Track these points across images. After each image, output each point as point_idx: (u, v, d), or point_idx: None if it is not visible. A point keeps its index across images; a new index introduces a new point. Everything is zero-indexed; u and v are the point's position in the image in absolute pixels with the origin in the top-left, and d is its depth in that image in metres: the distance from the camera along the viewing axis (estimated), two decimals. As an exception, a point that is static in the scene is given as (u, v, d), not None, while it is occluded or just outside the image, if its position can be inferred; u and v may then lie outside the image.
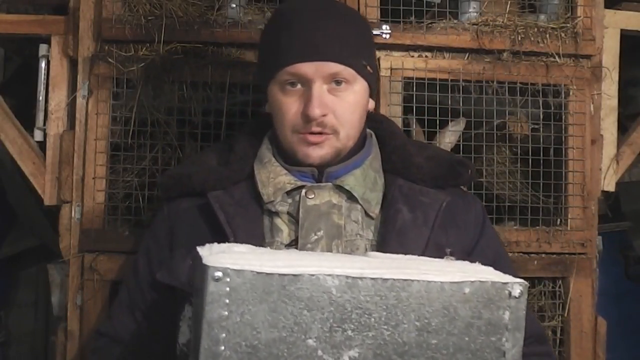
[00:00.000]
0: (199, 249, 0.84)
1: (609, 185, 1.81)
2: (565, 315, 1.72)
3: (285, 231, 1.09)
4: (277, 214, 1.10)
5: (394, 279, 0.71)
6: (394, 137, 1.17)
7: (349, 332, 0.70)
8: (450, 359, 0.72)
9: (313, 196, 1.08)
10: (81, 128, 1.60)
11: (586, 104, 1.73)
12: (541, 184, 1.73)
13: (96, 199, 1.56)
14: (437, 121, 1.66)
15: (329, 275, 0.70)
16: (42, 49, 1.66)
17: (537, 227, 1.71)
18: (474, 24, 1.69)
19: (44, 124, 1.64)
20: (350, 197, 1.10)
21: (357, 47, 1.09)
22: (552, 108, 1.74)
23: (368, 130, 1.21)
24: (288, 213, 1.09)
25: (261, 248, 0.95)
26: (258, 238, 1.07)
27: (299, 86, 1.05)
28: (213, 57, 1.59)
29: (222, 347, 0.69)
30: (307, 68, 1.03)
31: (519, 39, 1.68)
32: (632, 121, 1.96)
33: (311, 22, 1.06)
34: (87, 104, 1.59)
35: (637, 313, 2.45)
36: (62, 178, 1.61)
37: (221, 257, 0.75)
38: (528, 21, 1.71)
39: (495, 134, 1.72)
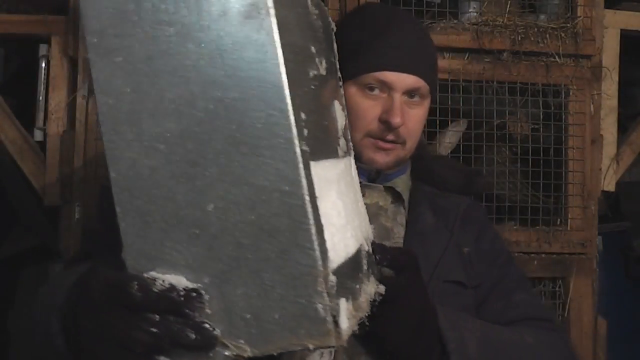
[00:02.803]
0: None
1: (609, 185, 1.81)
2: (565, 315, 1.72)
3: None
4: None
5: None
6: (419, 146, 1.19)
7: None
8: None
9: (364, 195, 1.06)
10: (81, 128, 1.60)
11: (586, 104, 1.73)
12: (541, 184, 1.73)
13: (96, 199, 1.56)
14: (437, 121, 1.66)
15: None
16: (42, 49, 1.66)
17: (537, 227, 1.72)
18: (474, 24, 1.69)
19: (44, 124, 1.64)
20: (395, 201, 1.11)
21: (434, 66, 1.13)
22: (552, 108, 1.75)
23: None
24: None
25: None
26: None
27: (377, 91, 1.06)
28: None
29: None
30: (394, 77, 1.05)
31: (519, 39, 1.68)
32: (632, 121, 1.97)
33: (405, 34, 1.08)
34: (87, 104, 1.60)
35: (637, 313, 2.44)
36: (62, 178, 1.61)
37: None
38: (528, 21, 1.71)
39: (495, 134, 1.72)
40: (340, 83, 0.87)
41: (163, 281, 0.62)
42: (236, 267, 0.61)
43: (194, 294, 0.62)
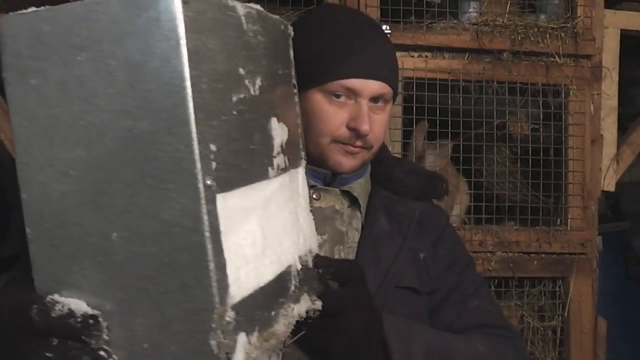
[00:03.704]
0: None
1: (609, 185, 1.81)
2: (565, 315, 1.72)
3: None
4: None
5: None
6: (379, 150, 1.19)
7: None
8: None
9: (319, 198, 1.09)
10: (81, 128, 1.60)
11: (586, 104, 1.73)
12: (541, 184, 1.73)
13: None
14: (437, 121, 1.66)
15: None
16: (42, 49, 1.66)
17: (537, 227, 1.72)
18: (474, 24, 1.69)
19: (44, 124, 1.64)
20: (351, 205, 1.12)
21: (396, 70, 1.14)
22: (552, 108, 1.75)
23: None
24: None
25: None
26: None
27: (343, 98, 1.06)
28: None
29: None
30: (360, 84, 1.05)
31: (519, 39, 1.68)
32: (632, 121, 1.97)
33: (368, 39, 1.08)
34: (87, 104, 1.60)
35: (637, 313, 2.45)
36: (62, 178, 1.61)
37: None
38: (528, 21, 1.71)
39: (495, 134, 1.73)
40: (295, 90, 0.85)
41: (63, 306, 0.62)
42: (138, 297, 0.62)
43: (91, 321, 0.62)
